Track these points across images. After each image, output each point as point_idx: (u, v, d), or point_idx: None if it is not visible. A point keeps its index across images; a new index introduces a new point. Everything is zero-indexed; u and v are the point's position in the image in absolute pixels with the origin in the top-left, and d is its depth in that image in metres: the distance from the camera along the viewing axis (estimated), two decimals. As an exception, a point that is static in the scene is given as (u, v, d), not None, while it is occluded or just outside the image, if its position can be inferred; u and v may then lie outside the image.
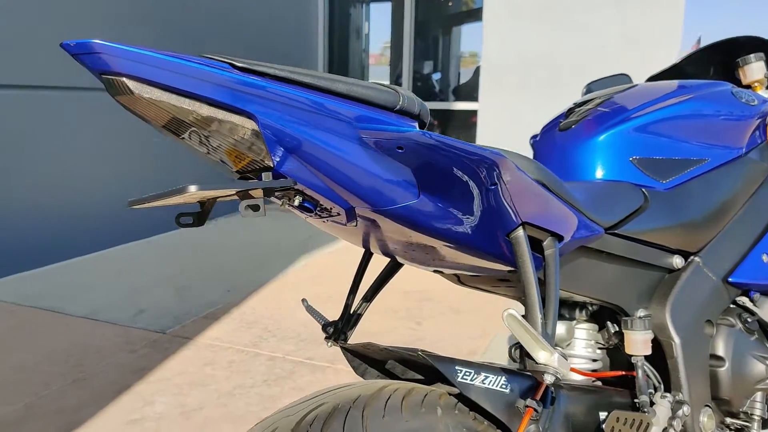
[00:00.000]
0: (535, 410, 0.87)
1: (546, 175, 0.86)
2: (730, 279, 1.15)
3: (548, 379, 0.73)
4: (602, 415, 0.96)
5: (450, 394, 0.87)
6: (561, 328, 1.09)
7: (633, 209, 1.05)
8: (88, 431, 1.89)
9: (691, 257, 1.14)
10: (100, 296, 3.14)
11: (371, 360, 1.01)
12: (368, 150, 0.71)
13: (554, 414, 0.88)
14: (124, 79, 0.60)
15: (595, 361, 1.11)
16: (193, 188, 0.62)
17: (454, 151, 0.71)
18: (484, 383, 0.86)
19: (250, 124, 0.67)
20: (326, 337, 1.07)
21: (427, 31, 6.61)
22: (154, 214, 4.47)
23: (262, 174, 0.71)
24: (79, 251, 3.93)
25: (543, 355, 0.73)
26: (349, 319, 1.08)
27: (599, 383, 1.07)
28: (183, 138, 0.76)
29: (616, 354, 1.13)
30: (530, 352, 0.73)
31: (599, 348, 1.12)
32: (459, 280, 1.08)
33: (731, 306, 1.19)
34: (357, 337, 2.00)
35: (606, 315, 1.12)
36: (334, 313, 1.10)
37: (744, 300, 1.20)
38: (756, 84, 1.47)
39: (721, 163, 1.17)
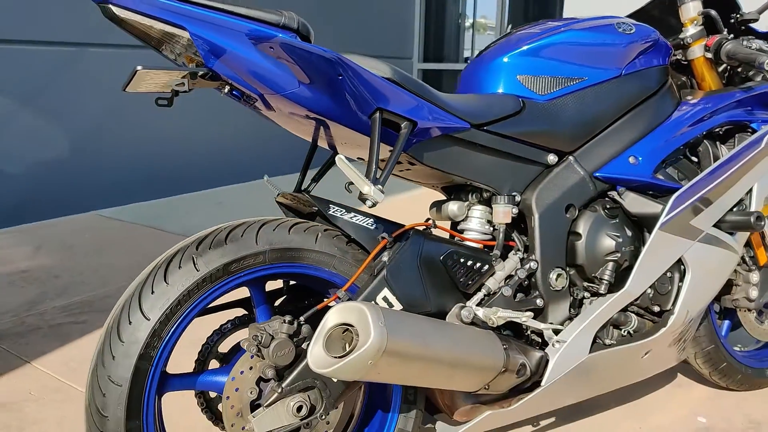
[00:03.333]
0: (389, 241, 1.24)
1: (400, 76, 1.21)
2: (597, 174, 1.43)
3: (369, 203, 1.11)
4: (451, 259, 1.29)
5: (338, 228, 1.26)
6: (454, 206, 1.43)
7: (507, 113, 1.36)
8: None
9: (566, 156, 1.44)
10: (194, 221, 3.79)
11: (302, 214, 1.41)
12: (258, 51, 1.10)
13: (406, 248, 1.24)
14: (110, 5, 1.05)
15: (485, 234, 1.44)
16: (140, 67, 1.06)
17: (304, 51, 1.09)
18: (353, 219, 1.24)
19: (186, 35, 1.09)
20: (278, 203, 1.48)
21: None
22: (259, 162, 5.11)
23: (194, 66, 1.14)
24: (193, 188, 4.65)
25: (365, 188, 1.10)
26: (299, 190, 1.49)
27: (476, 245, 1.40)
28: (162, 51, 1.20)
29: (506, 231, 1.44)
30: (358, 186, 1.11)
31: (489, 225, 1.44)
32: None
33: (602, 198, 1.46)
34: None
35: (497, 201, 1.44)
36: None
37: (613, 193, 1.47)
38: (687, 21, 1.67)
39: (597, 82, 1.43)
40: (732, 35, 1.62)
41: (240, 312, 1.37)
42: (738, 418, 1.75)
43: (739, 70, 1.71)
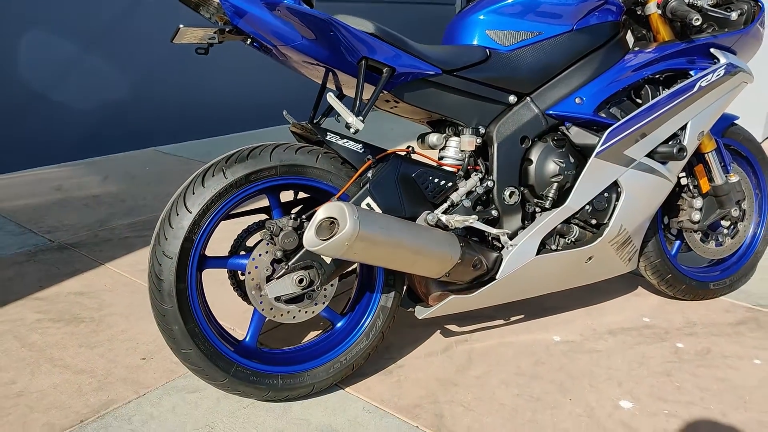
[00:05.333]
0: (373, 162, 1.61)
1: (382, 31, 1.55)
2: (548, 111, 1.74)
3: (352, 130, 1.47)
4: (423, 176, 1.65)
5: (334, 152, 1.63)
6: (434, 137, 1.78)
7: (475, 61, 1.69)
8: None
9: (525, 97, 1.76)
10: (243, 156, 4.23)
11: (311, 141, 1.78)
12: (270, 13, 1.46)
13: (387, 167, 1.60)
14: None
15: (458, 160, 1.78)
16: (182, 25, 1.43)
17: (303, 13, 1.44)
18: (346, 144, 1.61)
19: (216, 0, 1.46)
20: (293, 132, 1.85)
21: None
22: (308, 105, 5.49)
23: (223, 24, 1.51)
24: (243, 128, 5.09)
25: (349, 119, 1.47)
26: (311, 122, 1.85)
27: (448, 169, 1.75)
28: (200, 12, 1.57)
29: (473, 157, 1.78)
30: (344, 118, 1.48)
31: (463, 153, 1.78)
32: None
33: (553, 132, 1.78)
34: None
35: (470, 133, 1.78)
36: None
37: (562, 128, 1.78)
38: None
39: (551, 36, 1.73)
40: None
41: (264, 216, 1.78)
42: (678, 319, 2.08)
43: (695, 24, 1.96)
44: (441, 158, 1.79)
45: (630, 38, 1.94)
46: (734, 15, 1.74)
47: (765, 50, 4.50)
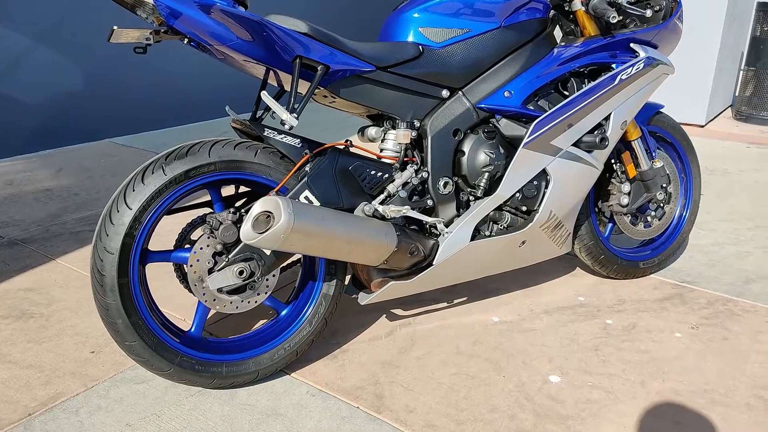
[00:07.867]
0: (311, 156, 1.67)
1: (315, 31, 1.60)
2: (479, 105, 1.82)
3: (287, 126, 1.53)
4: (359, 169, 1.72)
5: (274, 147, 1.69)
6: (372, 130, 1.84)
7: (408, 57, 1.75)
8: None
9: (457, 91, 1.83)
10: (198, 147, 4.24)
11: (252, 136, 1.84)
12: (205, 14, 1.50)
13: (324, 161, 1.67)
14: None
15: (396, 152, 1.85)
16: (116, 27, 1.47)
17: (236, 15, 1.48)
18: (283, 140, 1.67)
19: (150, 1, 1.49)
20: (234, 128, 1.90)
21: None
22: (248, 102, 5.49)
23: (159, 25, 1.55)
24: (198, 119, 5.08)
25: (284, 115, 1.52)
26: (253, 119, 1.91)
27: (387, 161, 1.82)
28: (136, 12, 1.60)
29: (409, 149, 1.85)
30: (279, 115, 1.53)
31: (401, 146, 1.85)
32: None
33: (484, 124, 1.87)
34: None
35: (407, 126, 1.85)
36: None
37: (493, 120, 1.87)
38: None
39: (480, 33, 1.81)
40: None
41: (208, 211, 1.83)
42: (610, 297, 2.20)
43: (612, 21, 2.04)
44: (381, 150, 1.86)
45: (560, 33, 2.02)
46: (648, 12, 1.84)
47: (704, 41, 4.67)
